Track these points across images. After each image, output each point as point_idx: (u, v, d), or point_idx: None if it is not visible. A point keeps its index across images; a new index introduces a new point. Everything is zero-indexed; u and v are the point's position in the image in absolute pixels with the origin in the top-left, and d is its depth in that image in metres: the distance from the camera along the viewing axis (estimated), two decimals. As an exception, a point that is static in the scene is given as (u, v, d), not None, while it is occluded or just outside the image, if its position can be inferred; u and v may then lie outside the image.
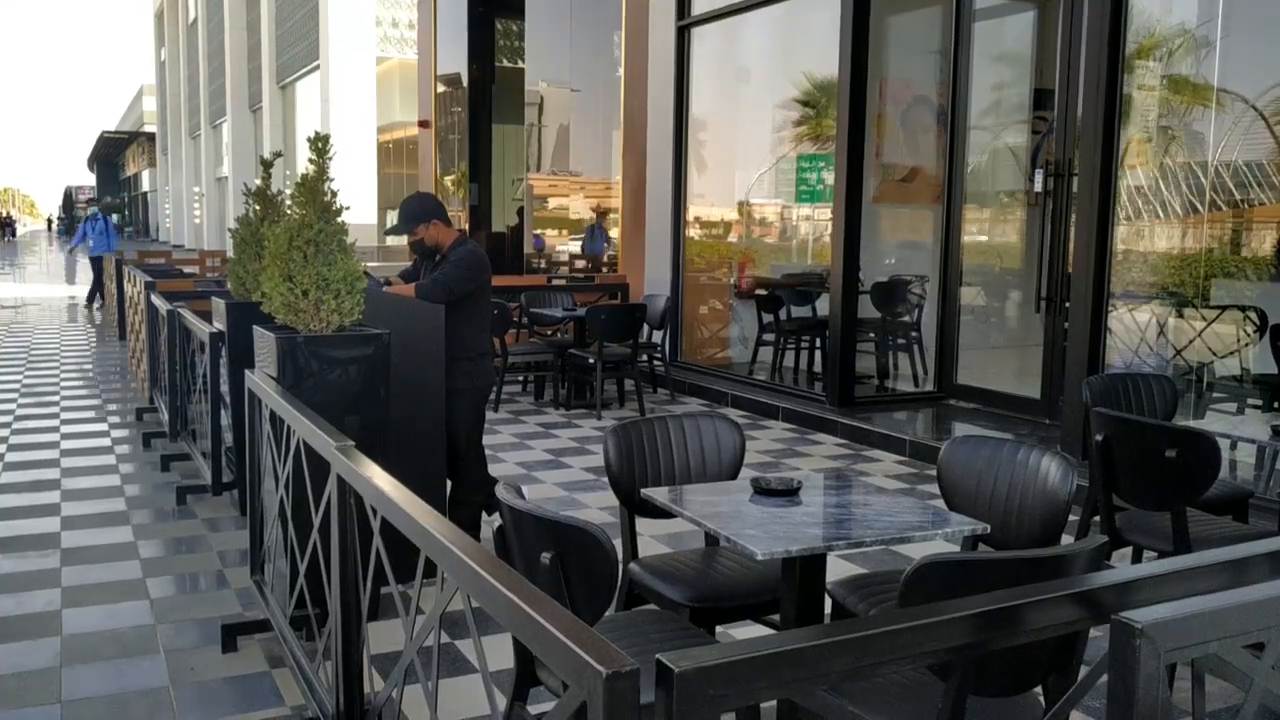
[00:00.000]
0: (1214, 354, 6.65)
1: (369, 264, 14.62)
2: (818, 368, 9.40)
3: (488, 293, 5.16)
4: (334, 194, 4.11)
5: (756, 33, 9.99)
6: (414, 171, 18.49)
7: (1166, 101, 6.87)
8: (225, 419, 5.83)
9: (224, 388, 5.76)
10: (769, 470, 6.72)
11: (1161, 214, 6.84)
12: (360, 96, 29.57)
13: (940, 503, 3.28)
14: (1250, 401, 6.55)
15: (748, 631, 3.63)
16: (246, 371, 4.13)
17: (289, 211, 4.53)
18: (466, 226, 15.35)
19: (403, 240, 5.29)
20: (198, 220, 48.03)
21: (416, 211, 5.05)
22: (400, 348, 4.29)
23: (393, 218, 5.29)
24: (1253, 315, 6.53)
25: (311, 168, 4.08)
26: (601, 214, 13.11)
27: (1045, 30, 8.42)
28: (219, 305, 5.72)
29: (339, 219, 4.11)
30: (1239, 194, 6.60)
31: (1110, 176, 6.35)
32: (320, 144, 4.08)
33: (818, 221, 9.42)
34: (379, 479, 2.51)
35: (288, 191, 4.78)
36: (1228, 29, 6.54)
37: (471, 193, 15.36)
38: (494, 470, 6.18)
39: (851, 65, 7.95)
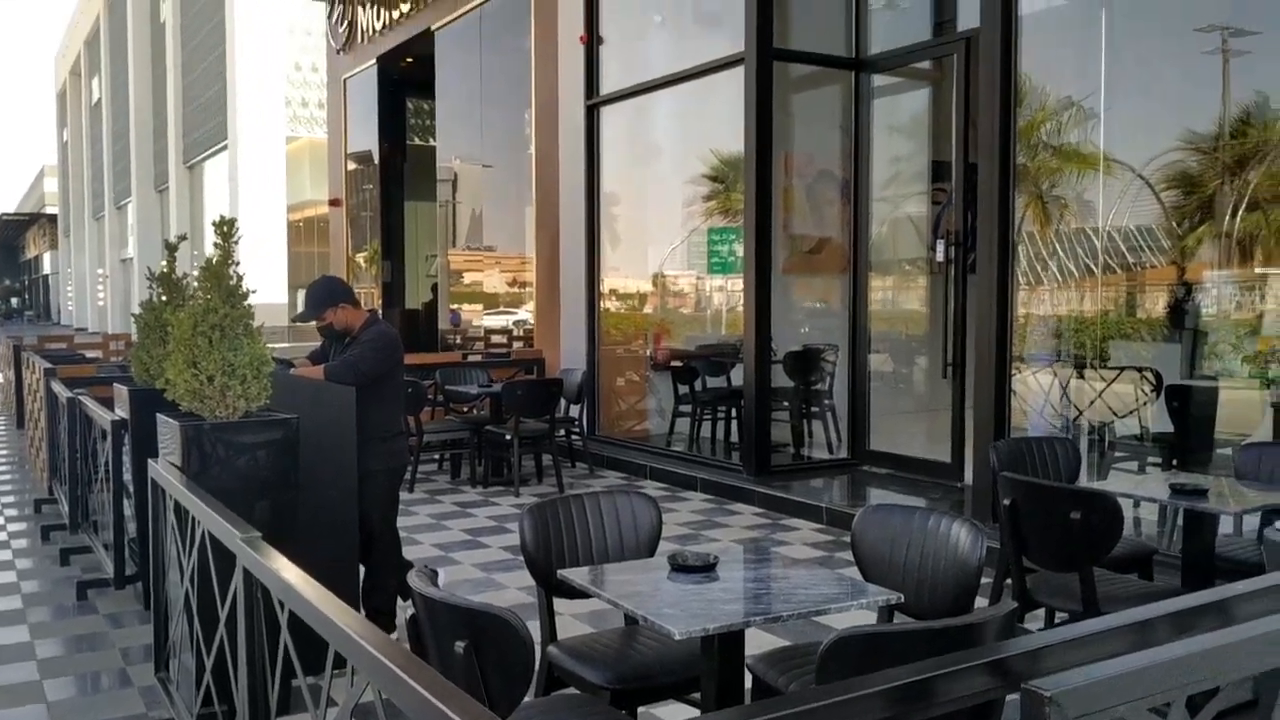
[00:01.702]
0: (1115, 414, 6.85)
1: (280, 345, 14.32)
2: (734, 438, 9.46)
3: (400, 372, 5.11)
4: (239, 278, 4.06)
5: (664, 110, 10.20)
6: (325, 250, 18.37)
7: (1059, 170, 7.14)
8: (128, 509, 5.64)
9: (127, 477, 5.58)
10: (688, 543, 6.70)
11: (1060, 279, 7.07)
12: (270, 176, 29.38)
13: (856, 571, 3.30)
14: (1150, 459, 6.75)
15: (670, 712, 3.59)
16: (150, 461, 4.02)
17: (194, 297, 4.45)
18: (379, 304, 15.23)
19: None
20: (101, 303, 46.91)
21: (323, 296, 5.00)
22: (311, 431, 4.21)
23: (304, 297, 5.24)
24: (1149, 375, 6.75)
25: (217, 252, 4.02)
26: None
27: (940, 105, 8.74)
28: (121, 392, 5.57)
29: (245, 302, 4.05)
30: (1131, 258, 6.86)
31: (1008, 243, 6.54)
32: (225, 228, 4.03)
33: (731, 292, 9.56)
34: (286, 571, 2.45)
35: (195, 273, 4.70)
36: (1110, 101, 6.83)
37: (384, 270, 15.29)
38: (410, 553, 6.06)
39: (756, 141, 8.15)
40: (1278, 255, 6.42)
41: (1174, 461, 6.50)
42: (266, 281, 23.09)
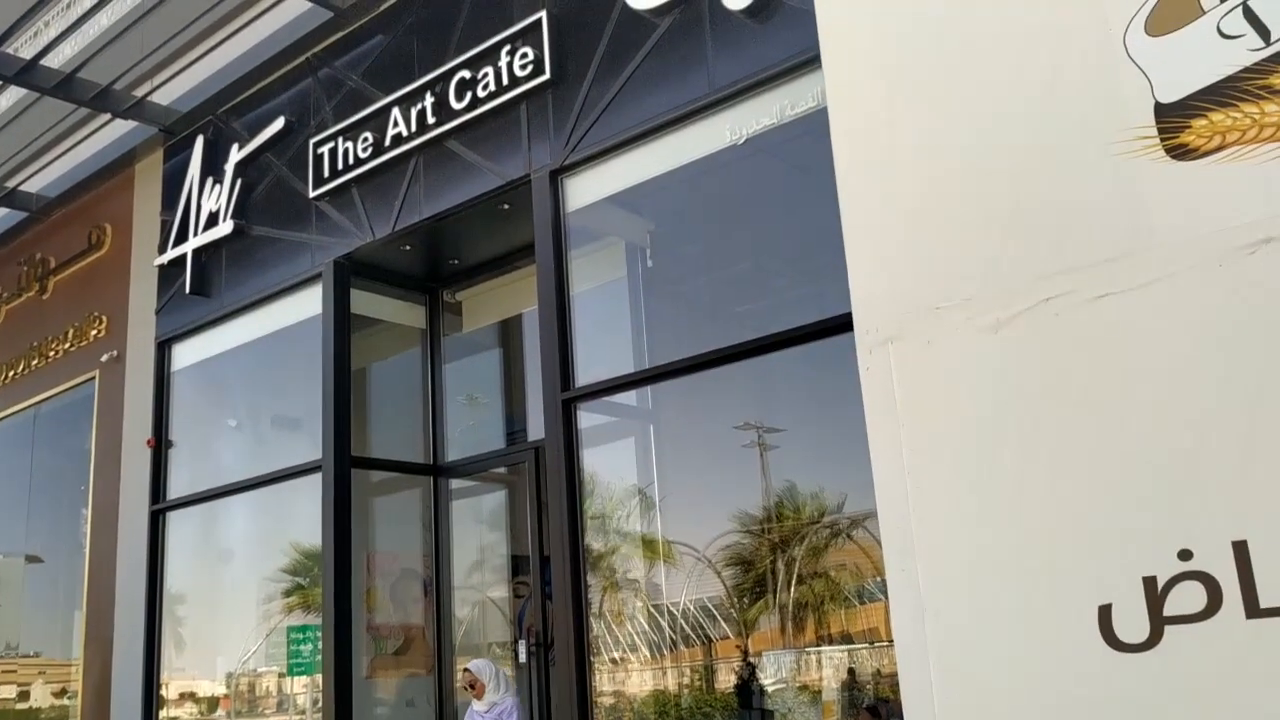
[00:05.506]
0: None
1: None
2: None
3: None
4: None
5: (242, 509, 9.82)
6: None
7: (629, 556, 7.55)
8: None
9: None
10: None
11: (640, 661, 7.29)
12: None
13: None
14: None
15: None
16: None
17: None
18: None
19: None
20: None
21: None
22: None
23: None
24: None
25: None
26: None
27: (516, 504, 9.15)
28: None
29: None
30: (702, 634, 7.23)
31: (583, 630, 6.58)
32: None
33: (316, 693, 8.96)
34: None
35: None
36: (665, 491, 7.45)
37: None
38: None
39: (335, 545, 7.98)
40: (827, 624, 7.07)
41: None
42: None
